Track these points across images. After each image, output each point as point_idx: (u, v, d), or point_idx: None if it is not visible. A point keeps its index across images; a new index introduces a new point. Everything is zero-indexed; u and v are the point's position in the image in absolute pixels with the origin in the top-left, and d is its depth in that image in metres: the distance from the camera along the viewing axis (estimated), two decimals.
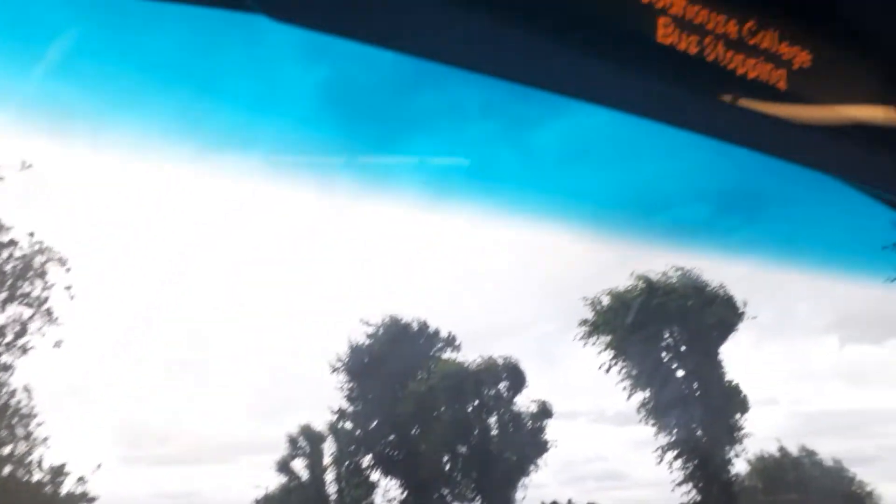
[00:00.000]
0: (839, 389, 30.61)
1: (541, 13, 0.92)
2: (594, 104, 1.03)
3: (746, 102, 1.08)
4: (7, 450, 19.56)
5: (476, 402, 25.44)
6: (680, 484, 23.17)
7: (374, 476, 25.88)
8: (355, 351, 26.58)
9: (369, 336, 26.78)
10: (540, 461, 25.51)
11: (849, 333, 32.94)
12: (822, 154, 1.23)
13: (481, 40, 0.93)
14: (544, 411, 25.74)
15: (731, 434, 23.14)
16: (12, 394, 19.94)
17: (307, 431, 26.28)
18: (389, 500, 25.63)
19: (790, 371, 32.06)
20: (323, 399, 27.60)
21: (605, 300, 23.94)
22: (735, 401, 23.27)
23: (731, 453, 23.18)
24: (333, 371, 26.66)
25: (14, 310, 20.12)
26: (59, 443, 20.84)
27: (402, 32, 0.91)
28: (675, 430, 23.16)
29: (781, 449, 24.79)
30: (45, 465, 19.88)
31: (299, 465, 26.27)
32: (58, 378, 26.24)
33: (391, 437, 25.59)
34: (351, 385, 26.43)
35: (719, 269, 23.63)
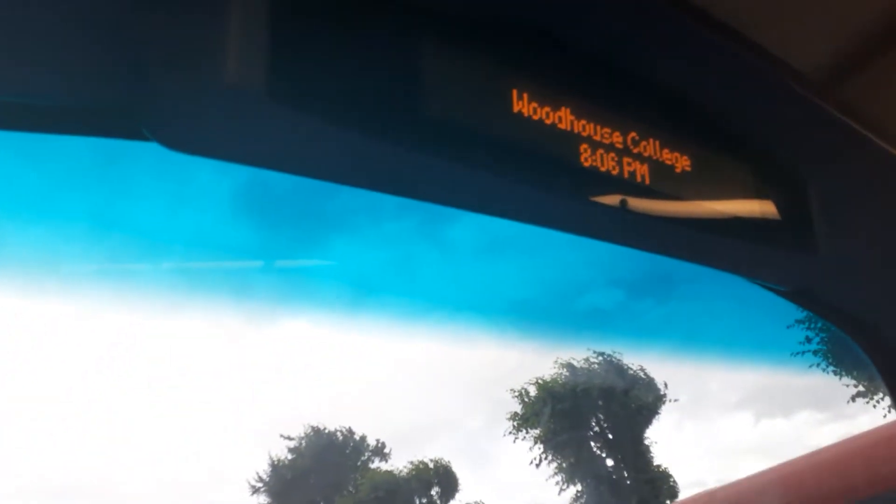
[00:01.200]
0: (757, 464, 31.31)
1: (475, 147, 0.97)
2: (515, 222, 1.08)
3: (636, 207, 1.13)
4: None
5: None
6: None
7: None
8: (277, 468, 25.02)
9: (291, 451, 25.38)
10: None
11: (761, 408, 34.22)
12: (710, 251, 1.29)
13: (415, 173, 0.97)
14: None
15: None
16: None
17: None
18: None
19: (712, 450, 32.63)
20: None
21: (532, 391, 23.91)
22: (665, 487, 23.27)
23: None
24: (253, 493, 24.88)
25: None
26: None
27: (306, 161, 0.92)
28: None
29: None
30: None
31: None
32: None
33: None
34: None
35: (637, 352, 24.29)
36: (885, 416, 20.54)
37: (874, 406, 20.20)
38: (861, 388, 20.34)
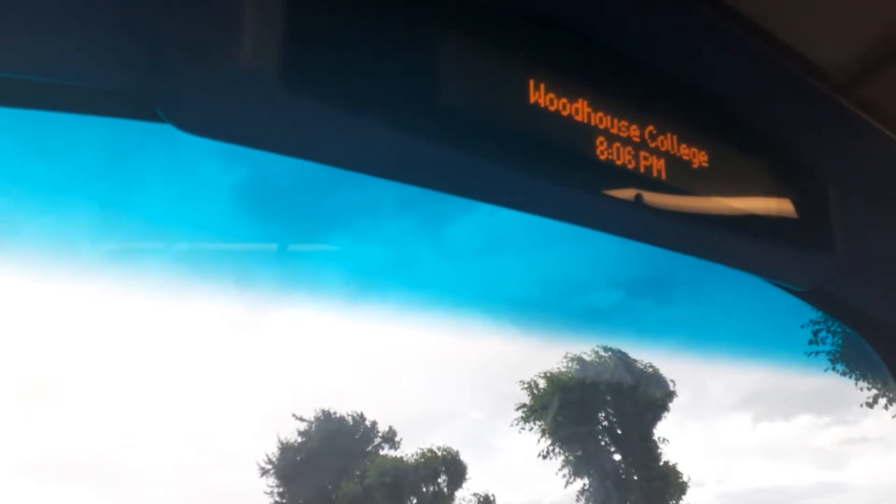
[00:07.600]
0: (758, 466, 31.18)
1: (490, 137, 0.97)
2: (528, 214, 1.07)
3: (651, 202, 1.12)
4: None
5: (415, 501, 24.38)
6: None
7: None
8: (286, 450, 25.26)
9: (301, 433, 25.60)
10: None
11: (760, 410, 34.06)
12: (725, 249, 1.28)
13: (428, 162, 0.97)
14: None
15: None
16: None
17: None
18: None
19: (711, 450, 32.50)
20: None
21: (542, 383, 23.91)
22: (673, 484, 23.24)
23: None
24: (262, 474, 25.16)
25: None
26: None
27: (318, 147, 0.92)
28: None
29: None
30: None
31: None
32: None
33: None
34: (281, 489, 24.92)
35: (638, 350, 24.18)
36: (894, 417, 20.36)
37: (885, 408, 20.00)
38: (874, 393, 20.12)
